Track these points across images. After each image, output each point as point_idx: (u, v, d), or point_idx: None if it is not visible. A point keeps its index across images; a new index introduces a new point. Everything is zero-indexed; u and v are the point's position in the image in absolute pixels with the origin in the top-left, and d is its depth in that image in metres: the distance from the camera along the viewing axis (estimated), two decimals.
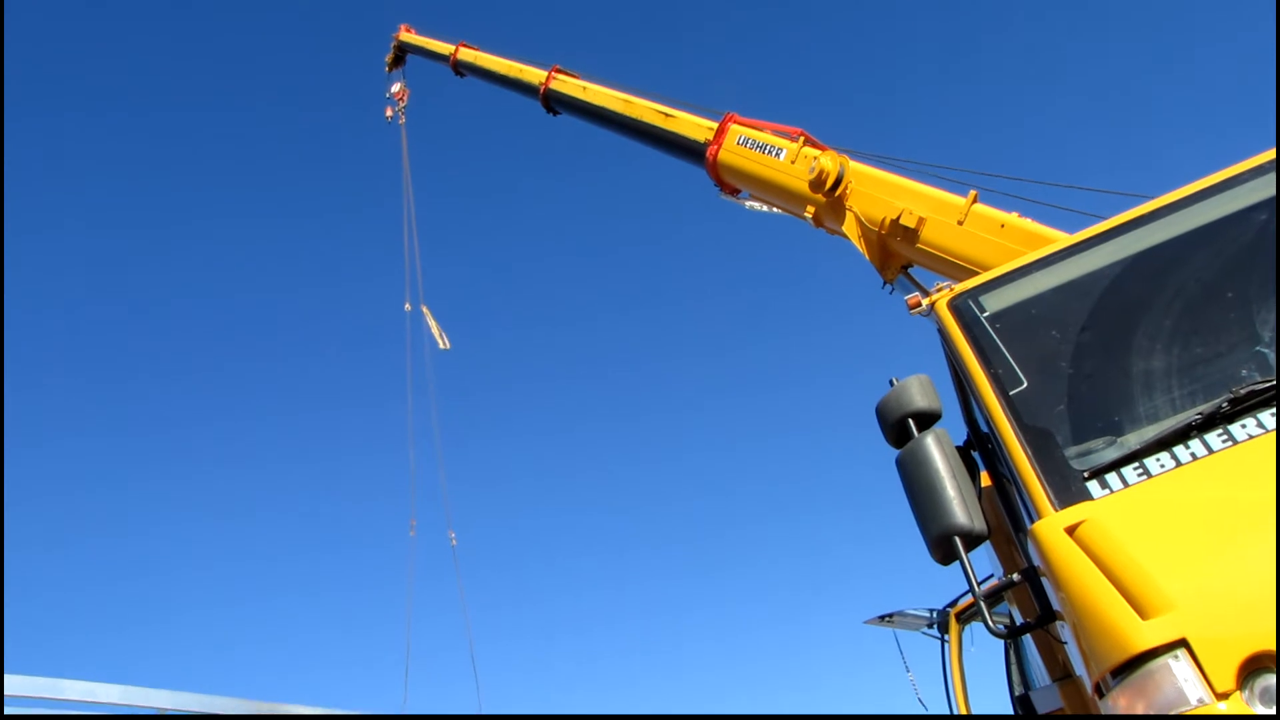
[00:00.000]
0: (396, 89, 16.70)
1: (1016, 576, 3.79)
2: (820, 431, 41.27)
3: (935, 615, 8.41)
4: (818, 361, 43.64)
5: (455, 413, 35.81)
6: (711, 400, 42.56)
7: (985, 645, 7.08)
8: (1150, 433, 3.59)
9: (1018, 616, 4.58)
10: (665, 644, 36.38)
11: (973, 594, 3.65)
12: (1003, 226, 6.49)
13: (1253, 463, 3.28)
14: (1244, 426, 3.43)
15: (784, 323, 44.17)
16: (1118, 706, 2.94)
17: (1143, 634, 2.90)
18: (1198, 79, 37.00)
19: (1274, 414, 3.42)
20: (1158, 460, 3.47)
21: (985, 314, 4.29)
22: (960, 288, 4.51)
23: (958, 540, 3.65)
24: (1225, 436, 3.44)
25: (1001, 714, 6.63)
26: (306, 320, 43.64)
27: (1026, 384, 3.94)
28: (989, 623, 3.63)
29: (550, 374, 43.90)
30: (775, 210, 8.78)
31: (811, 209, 7.85)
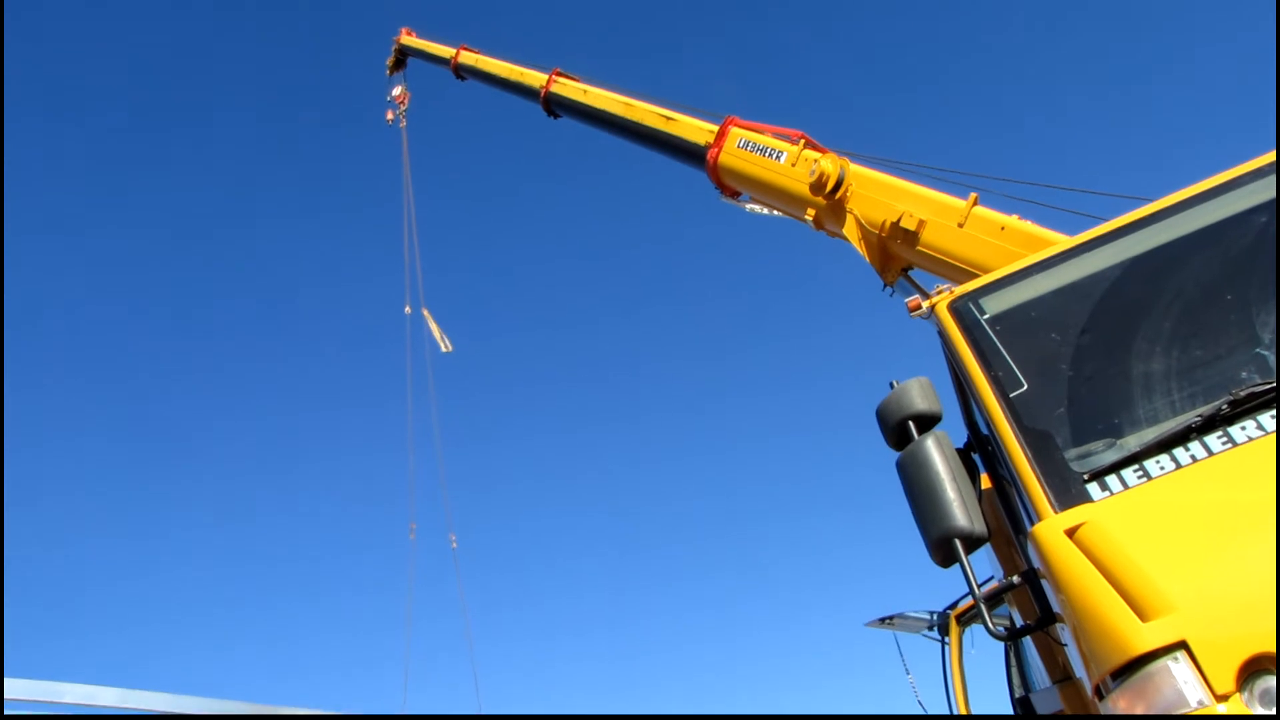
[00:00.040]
0: (397, 92, 16.72)
1: (1016, 579, 3.79)
2: (821, 434, 41.31)
3: (935, 617, 8.41)
4: (818, 364, 43.69)
5: (456, 415, 35.88)
6: (712, 402, 42.65)
7: (985, 647, 7.10)
8: (1150, 435, 3.59)
9: (1018, 619, 4.57)
10: (665, 645, 36.46)
11: (973, 596, 3.66)
12: (1003, 229, 6.50)
13: (1252, 465, 3.28)
14: (1244, 429, 3.43)
15: (785, 325, 44.24)
16: (1118, 708, 2.94)
17: (1142, 636, 2.91)
18: (1198, 79, 37.03)
19: (1274, 416, 3.42)
20: (1158, 462, 3.47)
21: (985, 316, 4.29)
22: (960, 290, 4.51)
23: (958, 542, 3.65)
24: (1225, 439, 3.44)
25: (1002, 715, 6.63)
26: (308, 322, 43.76)
27: (1026, 386, 3.94)
28: (989, 625, 3.63)
29: (551, 376, 43.94)
30: (776, 213, 8.78)
31: (812, 212, 7.86)
